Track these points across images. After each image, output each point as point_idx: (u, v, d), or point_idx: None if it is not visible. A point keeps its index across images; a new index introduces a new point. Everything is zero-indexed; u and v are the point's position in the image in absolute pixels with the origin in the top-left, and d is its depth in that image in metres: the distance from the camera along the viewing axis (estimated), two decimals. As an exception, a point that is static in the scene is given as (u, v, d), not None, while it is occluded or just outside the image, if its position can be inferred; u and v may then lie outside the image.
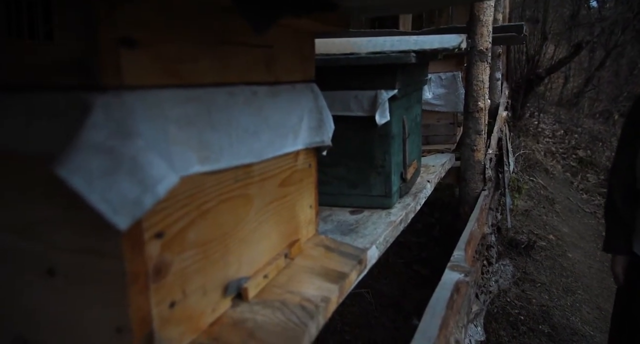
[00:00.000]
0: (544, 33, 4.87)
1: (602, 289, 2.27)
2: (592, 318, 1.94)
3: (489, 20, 1.37)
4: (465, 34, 1.22)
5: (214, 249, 0.50)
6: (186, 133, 0.43)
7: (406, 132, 1.12)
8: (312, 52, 0.74)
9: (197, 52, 0.45)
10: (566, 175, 4.09)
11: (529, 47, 4.98)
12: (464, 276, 0.91)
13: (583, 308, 1.99)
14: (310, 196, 0.77)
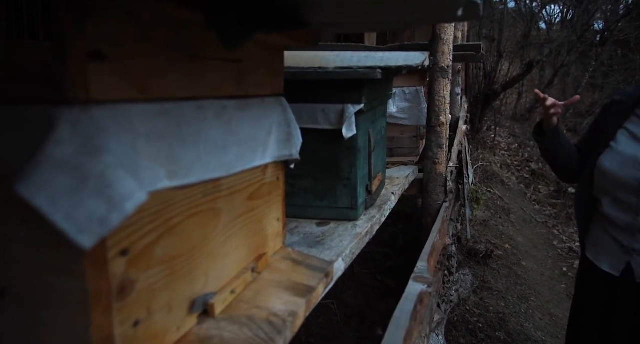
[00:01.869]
0: (499, 51, 5.14)
1: (553, 296, 2.39)
2: (544, 323, 2.04)
3: (449, 39, 1.44)
4: (428, 52, 1.27)
5: (180, 265, 0.49)
6: (155, 148, 0.42)
7: (372, 145, 1.14)
8: (281, 66, 0.75)
9: (167, 67, 0.45)
10: (520, 186, 4.30)
11: (486, 64, 5.23)
12: (426, 287, 0.93)
13: (536, 314, 2.09)
14: (278, 209, 0.77)
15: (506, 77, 6.00)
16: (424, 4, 0.52)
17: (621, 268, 1.13)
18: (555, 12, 9.14)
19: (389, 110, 1.55)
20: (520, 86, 8.03)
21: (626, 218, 1.10)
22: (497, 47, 5.27)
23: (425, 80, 1.69)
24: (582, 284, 1.29)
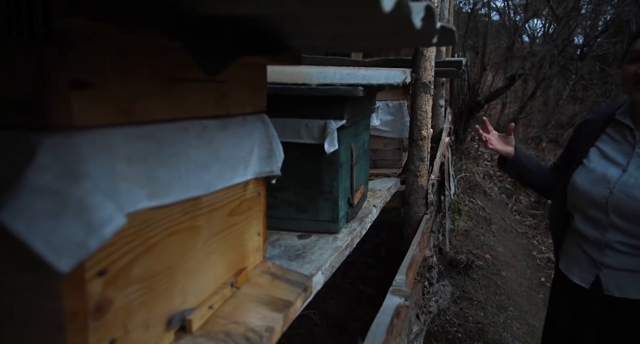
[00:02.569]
0: (483, 64, 5.26)
1: (530, 305, 2.44)
2: (521, 333, 2.08)
3: (432, 56, 1.48)
4: (410, 69, 1.31)
5: (158, 283, 0.50)
6: (136, 170, 0.44)
7: (354, 159, 1.16)
8: (263, 84, 0.77)
9: (149, 91, 0.46)
10: (502, 197, 4.38)
11: (470, 76, 5.34)
12: (404, 300, 0.95)
13: (514, 324, 2.13)
14: (258, 223, 0.78)
15: (490, 89, 6.13)
16: (400, 35, 0.54)
17: (590, 280, 1.17)
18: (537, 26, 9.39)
19: (373, 123, 1.58)
20: (504, 97, 8.21)
21: (595, 233, 1.15)
22: (481, 60, 5.39)
23: (408, 94, 1.72)
24: (556, 295, 1.33)
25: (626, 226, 1.08)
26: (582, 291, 1.18)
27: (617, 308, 1.11)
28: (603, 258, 1.12)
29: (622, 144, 1.13)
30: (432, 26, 0.56)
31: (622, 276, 1.10)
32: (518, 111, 8.37)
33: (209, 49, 0.42)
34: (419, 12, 0.48)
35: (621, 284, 1.10)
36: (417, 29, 0.48)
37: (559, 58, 7.60)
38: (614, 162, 1.12)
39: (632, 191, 1.06)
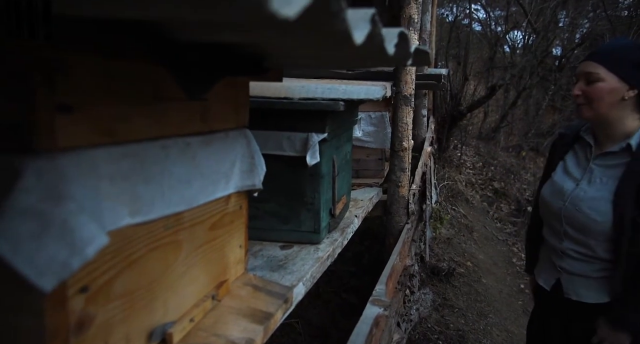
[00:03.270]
0: (465, 74, 5.38)
1: (510, 312, 2.49)
2: (500, 339, 2.13)
3: (412, 69, 1.52)
4: (391, 82, 1.34)
5: (140, 297, 0.51)
6: (119, 188, 0.45)
7: (336, 170, 1.19)
8: (246, 100, 0.78)
9: (132, 111, 0.48)
10: (484, 205, 4.46)
11: (452, 85, 5.45)
12: (383, 310, 0.97)
13: (493, 330, 2.17)
14: (240, 236, 0.80)
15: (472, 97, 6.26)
16: (375, 58, 0.57)
17: (552, 283, 1.23)
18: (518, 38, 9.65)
19: (355, 134, 1.61)
20: (486, 106, 8.38)
21: (555, 241, 1.22)
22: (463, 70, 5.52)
23: (390, 105, 1.76)
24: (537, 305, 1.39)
25: (576, 236, 1.14)
26: (547, 293, 1.25)
27: (574, 310, 1.17)
28: (562, 263, 1.19)
29: (581, 160, 1.19)
30: (406, 50, 0.59)
31: (577, 280, 1.16)
32: (500, 120, 8.56)
33: (191, 73, 0.43)
34: (392, 39, 0.51)
35: (577, 288, 1.16)
36: (390, 55, 0.51)
37: (539, 69, 7.83)
38: (571, 176, 1.18)
39: (580, 204, 1.12)
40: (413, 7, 1.44)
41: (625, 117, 1.09)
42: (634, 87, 1.04)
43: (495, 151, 7.04)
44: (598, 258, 1.10)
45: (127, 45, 0.39)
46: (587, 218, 1.09)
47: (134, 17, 0.31)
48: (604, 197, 1.07)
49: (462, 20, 8.19)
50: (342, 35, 0.38)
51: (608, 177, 1.10)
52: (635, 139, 1.07)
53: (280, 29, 0.33)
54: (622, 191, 1.04)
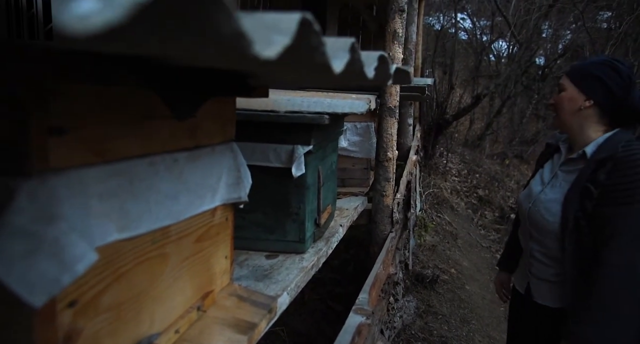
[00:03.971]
0: (451, 83, 5.47)
1: (492, 318, 2.54)
2: (483, 346, 2.17)
3: (397, 81, 1.56)
4: (376, 94, 1.38)
5: (127, 310, 0.53)
6: (108, 206, 0.47)
7: (321, 181, 1.21)
8: (233, 115, 0.81)
9: (122, 131, 0.49)
10: (468, 212, 4.54)
11: (438, 94, 5.55)
12: (365, 318, 1.00)
13: (476, 336, 2.21)
14: (226, 247, 0.81)
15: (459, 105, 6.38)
16: (356, 80, 0.60)
17: (524, 287, 1.29)
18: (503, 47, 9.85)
19: (341, 144, 1.64)
20: (472, 114, 8.53)
21: (524, 242, 1.29)
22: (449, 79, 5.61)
23: (376, 116, 1.80)
24: (514, 310, 1.44)
25: (537, 236, 1.21)
26: (520, 296, 1.30)
27: (541, 313, 1.22)
28: (531, 267, 1.25)
29: (554, 166, 1.26)
30: (386, 72, 0.62)
31: (542, 284, 1.22)
32: (485, 128, 8.72)
33: (179, 96, 0.46)
34: (372, 63, 0.54)
35: (542, 292, 1.22)
36: (370, 78, 0.54)
37: (523, 78, 8.02)
38: (543, 181, 1.25)
39: (539, 205, 1.19)
40: (397, 22, 1.48)
41: (587, 127, 1.15)
42: (590, 98, 1.11)
43: (481, 159, 7.17)
44: (556, 260, 1.16)
45: (117, 72, 0.42)
46: (542, 218, 1.16)
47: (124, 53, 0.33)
48: (557, 199, 1.14)
49: (449, 29, 8.34)
50: (322, 65, 0.41)
51: (566, 182, 1.17)
52: (590, 147, 1.13)
53: (262, 64, 0.35)
54: (570, 194, 1.10)
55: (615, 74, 1.11)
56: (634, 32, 5.57)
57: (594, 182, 1.06)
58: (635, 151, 1.05)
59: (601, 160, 1.07)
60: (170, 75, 0.48)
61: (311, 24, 0.35)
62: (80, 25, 0.16)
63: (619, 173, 1.03)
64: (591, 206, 1.05)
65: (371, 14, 4.46)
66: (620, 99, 1.11)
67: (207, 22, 0.25)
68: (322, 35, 0.37)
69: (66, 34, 0.16)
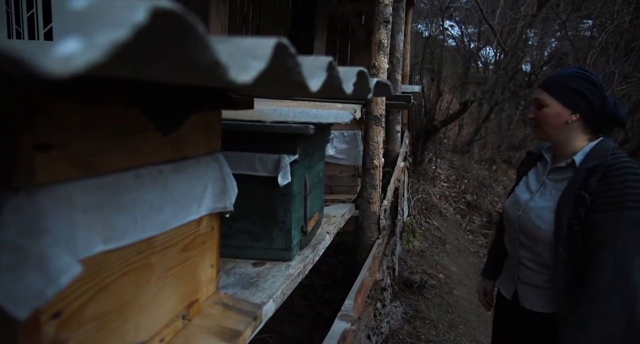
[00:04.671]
0: (438, 90, 5.55)
1: (479, 323, 2.57)
2: (470, 350, 2.19)
3: (383, 90, 1.59)
4: (361, 104, 1.40)
5: (112, 320, 0.54)
6: (93, 218, 0.48)
7: (308, 189, 1.23)
8: (218, 126, 0.82)
9: (107, 145, 0.51)
10: (457, 217, 4.59)
11: (427, 100, 5.62)
12: (350, 324, 1.01)
13: (463, 341, 2.23)
14: (212, 256, 0.83)
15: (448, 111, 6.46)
16: (335, 94, 0.62)
17: (511, 293, 1.31)
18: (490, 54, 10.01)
19: (329, 152, 1.66)
20: (461, 120, 8.64)
21: (513, 250, 1.31)
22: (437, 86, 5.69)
23: (363, 124, 1.83)
24: (499, 314, 1.46)
25: (527, 243, 1.23)
26: (507, 302, 1.32)
27: (528, 318, 1.24)
28: (518, 273, 1.27)
29: (540, 175, 1.29)
30: (365, 87, 0.64)
31: (530, 290, 1.24)
32: (473, 133, 8.83)
33: (163, 112, 0.47)
34: (351, 78, 0.56)
35: (530, 298, 1.25)
36: (348, 93, 0.56)
37: (510, 85, 8.16)
38: (529, 189, 1.28)
39: (530, 213, 1.22)
40: (383, 33, 1.51)
41: (573, 138, 1.20)
42: (576, 112, 1.15)
43: (469, 164, 7.25)
44: (546, 266, 1.19)
45: (102, 90, 0.43)
46: (534, 226, 1.19)
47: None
48: (549, 207, 1.17)
49: (437, 35, 8.46)
50: (299, 84, 0.43)
51: (556, 190, 1.20)
52: (579, 156, 1.17)
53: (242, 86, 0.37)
54: (563, 202, 1.13)
55: (592, 86, 1.15)
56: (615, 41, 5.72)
57: (586, 189, 1.09)
58: (622, 159, 1.10)
59: (592, 168, 1.11)
60: (154, 92, 0.49)
61: (287, 48, 0.37)
62: (62, 67, 0.18)
63: (608, 181, 1.07)
64: (584, 213, 1.08)
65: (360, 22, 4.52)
66: (599, 108, 1.15)
67: (184, 53, 0.27)
68: (297, 57, 0.39)
69: (49, 75, 0.18)
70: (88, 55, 0.19)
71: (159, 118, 0.47)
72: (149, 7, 0.21)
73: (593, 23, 6.45)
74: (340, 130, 1.78)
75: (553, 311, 1.19)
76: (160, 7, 0.22)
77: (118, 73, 0.24)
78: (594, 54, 5.55)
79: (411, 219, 3.24)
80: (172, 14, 0.23)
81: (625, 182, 1.06)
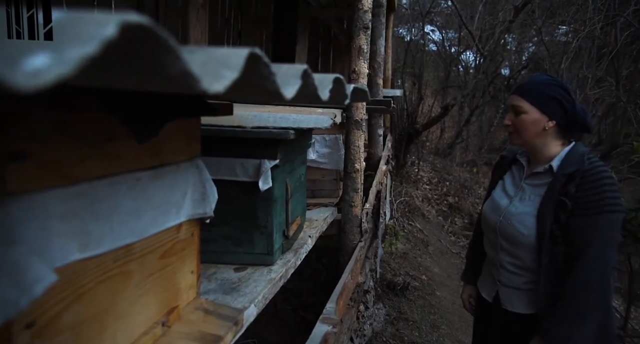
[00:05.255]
0: (420, 94, 5.63)
1: (461, 323, 2.61)
2: (452, 350, 2.22)
3: (364, 95, 1.61)
4: (342, 109, 1.42)
5: (88, 329, 0.54)
6: (69, 226, 0.48)
7: (289, 193, 1.24)
8: (197, 133, 0.82)
9: (83, 153, 0.51)
10: (439, 219, 4.65)
11: (409, 104, 5.69)
12: (332, 327, 1.02)
13: (446, 341, 2.26)
14: (192, 262, 0.82)
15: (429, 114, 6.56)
16: (311, 100, 0.63)
17: (492, 295, 1.34)
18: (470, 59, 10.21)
19: (310, 156, 1.67)
20: (443, 123, 8.77)
21: (493, 254, 1.33)
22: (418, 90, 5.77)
23: (344, 129, 1.84)
24: (476, 310, 1.50)
25: (509, 248, 1.26)
26: (488, 304, 1.35)
27: (510, 320, 1.27)
28: (499, 276, 1.30)
29: (516, 179, 1.32)
30: (341, 93, 0.66)
31: (512, 292, 1.27)
32: (455, 136, 8.97)
33: (140, 120, 0.48)
34: (327, 85, 0.57)
35: (512, 299, 1.28)
36: (324, 100, 0.58)
37: (490, 88, 8.33)
38: (507, 194, 1.31)
39: (511, 218, 1.25)
40: (362, 38, 1.54)
41: (549, 144, 1.23)
42: (552, 119, 1.18)
43: (451, 167, 7.36)
44: (527, 269, 1.22)
45: (76, 98, 0.43)
46: (516, 231, 1.22)
47: (84, 84, 0.35)
48: (530, 212, 1.20)
49: (418, 40, 8.59)
50: (274, 92, 0.44)
51: (535, 195, 1.23)
52: (556, 161, 1.20)
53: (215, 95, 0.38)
54: (544, 207, 1.16)
55: (566, 93, 1.20)
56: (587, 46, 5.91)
57: (566, 195, 1.13)
58: (598, 164, 1.14)
59: (571, 174, 1.14)
60: (131, 100, 0.50)
61: (260, 58, 0.38)
62: (31, 82, 0.18)
63: (586, 186, 1.11)
64: (565, 218, 1.12)
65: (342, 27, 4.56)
66: (572, 115, 1.19)
67: (155, 65, 0.27)
68: (271, 66, 0.40)
69: (17, 90, 0.18)
70: (57, 70, 0.20)
71: (136, 126, 0.47)
72: (118, 21, 0.22)
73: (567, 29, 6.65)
74: (321, 134, 1.79)
75: (533, 311, 1.22)
76: (130, 22, 0.22)
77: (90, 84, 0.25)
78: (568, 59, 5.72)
79: (394, 222, 3.28)
80: (141, 28, 0.23)
81: (603, 187, 1.10)
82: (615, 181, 1.11)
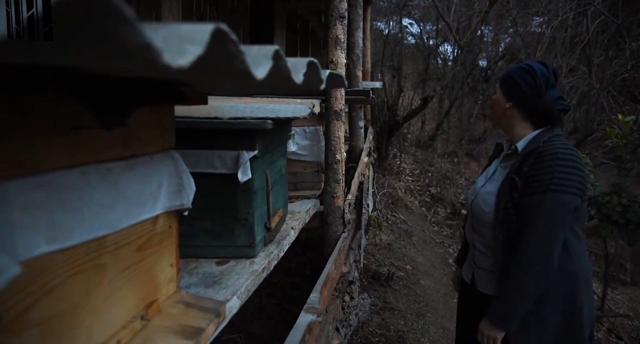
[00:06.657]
0: (399, 87, 5.66)
1: (446, 310, 2.65)
2: (437, 337, 2.26)
3: (342, 86, 1.61)
4: (320, 99, 1.41)
5: (60, 324, 0.52)
6: (33, 217, 0.46)
7: (269, 185, 1.23)
8: (171, 123, 0.80)
9: (47, 142, 0.49)
10: (422, 210, 4.70)
11: (389, 96, 5.71)
12: (316, 317, 1.02)
13: (431, 329, 2.30)
14: (170, 255, 0.81)
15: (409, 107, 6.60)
16: (288, 86, 0.62)
17: (470, 277, 1.37)
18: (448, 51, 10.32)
19: (291, 148, 1.66)
20: (423, 115, 8.85)
21: (469, 235, 1.37)
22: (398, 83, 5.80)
23: (324, 120, 1.84)
24: (462, 300, 1.52)
25: (477, 227, 1.30)
26: (467, 286, 1.38)
27: (482, 301, 1.30)
28: (474, 257, 1.34)
29: (497, 163, 1.35)
30: (316, 77, 0.65)
31: (483, 274, 1.30)
32: (436, 128, 9.07)
33: (106, 106, 0.46)
34: (301, 69, 0.56)
35: (483, 281, 1.31)
36: (298, 83, 0.57)
37: (468, 80, 8.44)
38: (486, 177, 1.34)
39: (478, 198, 1.29)
40: (339, 28, 1.53)
41: (516, 126, 1.27)
42: (509, 100, 1.23)
43: (433, 158, 7.45)
44: (491, 248, 1.25)
45: (39, 83, 0.41)
46: (480, 209, 1.26)
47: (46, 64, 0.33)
48: (492, 191, 1.24)
49: (397, 33, 8.62)
50: (244, 72, 0.43)
51: (502, 175, 1.27)
52: (521, 143, 1.24)
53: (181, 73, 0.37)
54: (502, 186, 1.19)
55: (530, 77, 1.21)
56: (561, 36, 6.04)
57: (519, 173, 1.16)
58: (556, 144, 1.15)
59: (527, 154, 1.17)
60: (97, 85, 0.48)
61: (227, 34, 0.36)
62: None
63: (538, 165, 1.14)
64: (517, 196, 1.15)
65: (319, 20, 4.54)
66: (532, 100, 1.21)
67: (111, 35, 0.26)
68: (240, 45, 0.39)
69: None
70: None
71: (101, 113, 0.46)
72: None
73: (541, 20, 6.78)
74: (301, 126, 1.78)
75: None
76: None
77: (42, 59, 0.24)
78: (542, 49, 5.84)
79: (377, 214, 3.30)
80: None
81: (554, 167, 1.12)
82: (575, 164, 1.12)
